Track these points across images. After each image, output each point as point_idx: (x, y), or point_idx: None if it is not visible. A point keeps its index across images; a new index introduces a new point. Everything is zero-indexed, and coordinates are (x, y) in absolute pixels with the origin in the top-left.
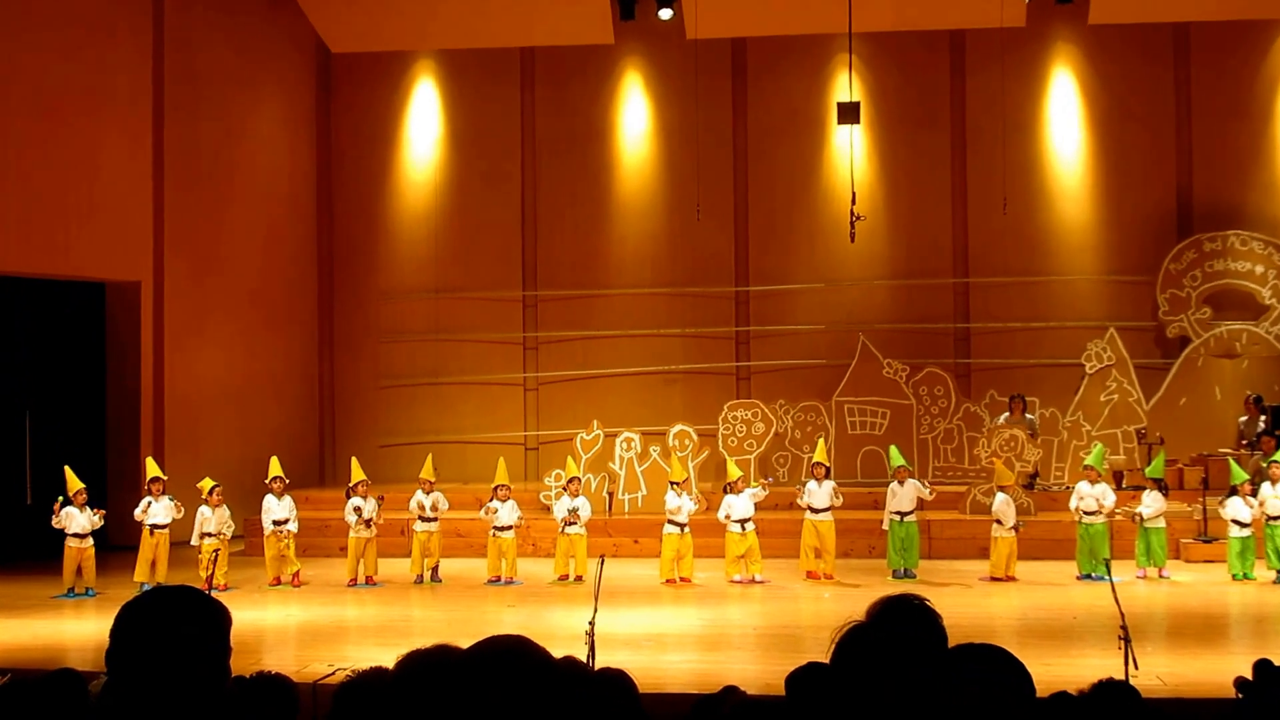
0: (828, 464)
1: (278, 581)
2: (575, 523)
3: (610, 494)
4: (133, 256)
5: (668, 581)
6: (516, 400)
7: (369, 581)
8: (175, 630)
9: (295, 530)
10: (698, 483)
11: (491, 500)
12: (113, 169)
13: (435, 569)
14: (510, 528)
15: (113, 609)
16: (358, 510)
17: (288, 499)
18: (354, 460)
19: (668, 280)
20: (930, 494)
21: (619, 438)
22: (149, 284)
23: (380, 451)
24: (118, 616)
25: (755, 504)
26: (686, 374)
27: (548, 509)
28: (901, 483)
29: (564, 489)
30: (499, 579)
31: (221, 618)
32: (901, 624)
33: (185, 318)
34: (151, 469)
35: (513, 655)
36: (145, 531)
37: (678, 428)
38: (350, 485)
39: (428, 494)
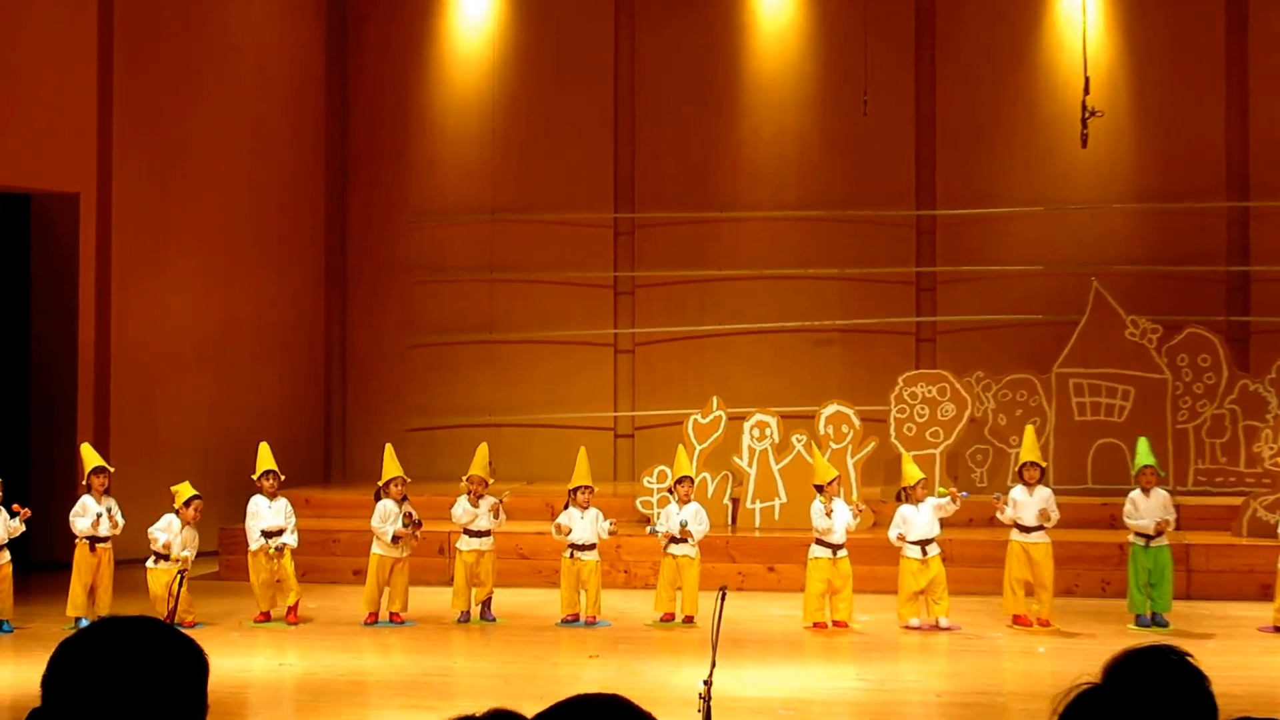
0: (1043, 463)
1: (266, 617)
2: (685, 541)
3: (735, 501)
4: (69, 158)
5: (816, 626)
6: (605, 367)
7: (395, 619)
8: (133, 677)
9: (294, 545)
10: (859, 487)
11: (567, 509)
12: (42, 39)
13: (487, 603)
14: (592, 547)
15: (37, 651)
16: (410, 519)
17: (282, 501)
18: (389, 449)
19: (819, 200)
20: (1169, 520)
21: (748, 422)
22: (90, 197)
23: (409, 437)
24: (53, 660)
25: (942, 519)
26: (845, 333)
27: (646, 521)
28: (1147, 491)
29: (670, 493)
30: (576, 618)
31: (196, 661)
32: (1152, 687)
33: (141, 245)
34: (90, 457)
35: None
36: (82, 546)
37: (832, 409)
38: (381, 483)
39: (479, 498)
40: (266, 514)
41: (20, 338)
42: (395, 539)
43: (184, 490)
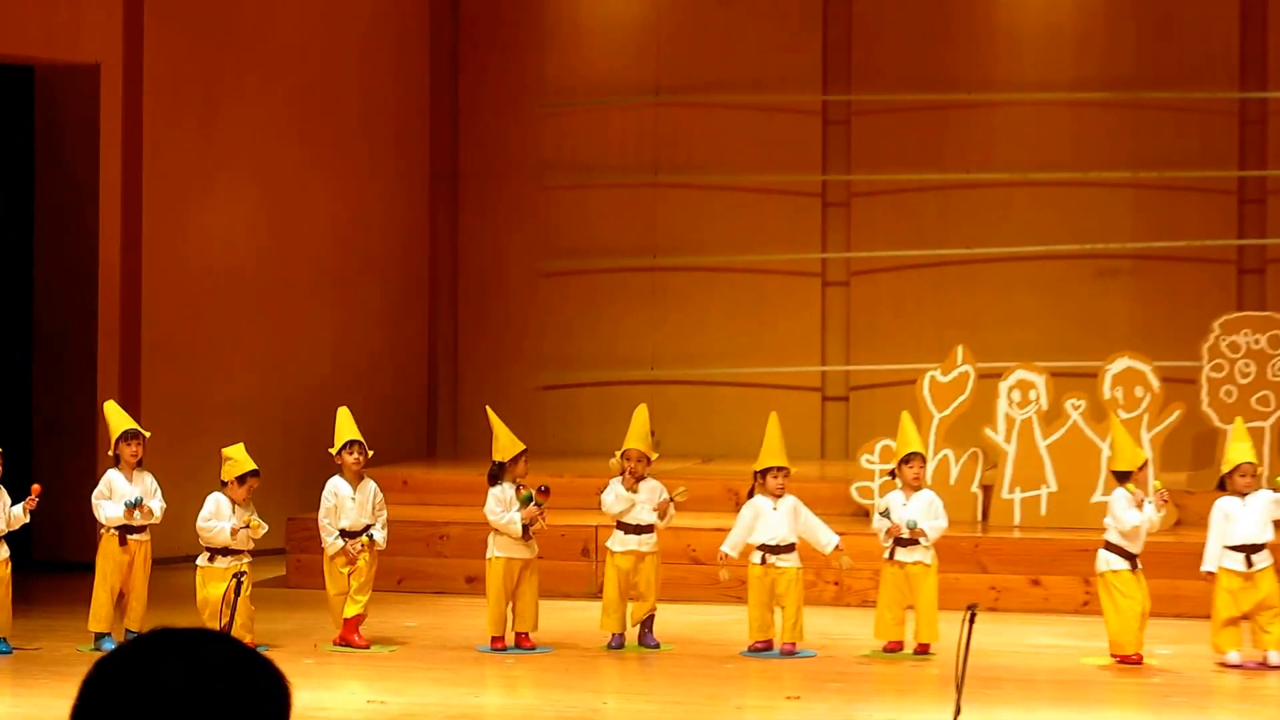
0: None
1: (351, 640)
2: (916, 543)
3: (986, 489)
4: (87, 20)
5: (1123, 660)
6: (809, 304)
7: (523, 643)
8: (198, 708)
9: (382, 543)
10: (1160, 471)
11: (753, 496)
12: None
13: (648, 624)
14: (790, 549)
15: (43, 680)
16: (524, 487)
17: (369, 486)
18: (491, 416)
19: (1105, 78)
20: None
21: (1006, 381)
22: (114, 69)
23: (543, 398)
24: (86, 686)
25: (1277, 520)
26: (1140, 259)
27: (864, 514)
28: None
29: (892, 476)
30: (769, 645)
31: (279, 689)
32: None
33: (183, 136)
34: (118, 419)
35: None
36: (109, 539)
37: (1121, 364)
38: (501, 460)
39: (639, 480)
40: (350, 505)
41: (19, 263)
42: (526, 531)
43: (239, 460)
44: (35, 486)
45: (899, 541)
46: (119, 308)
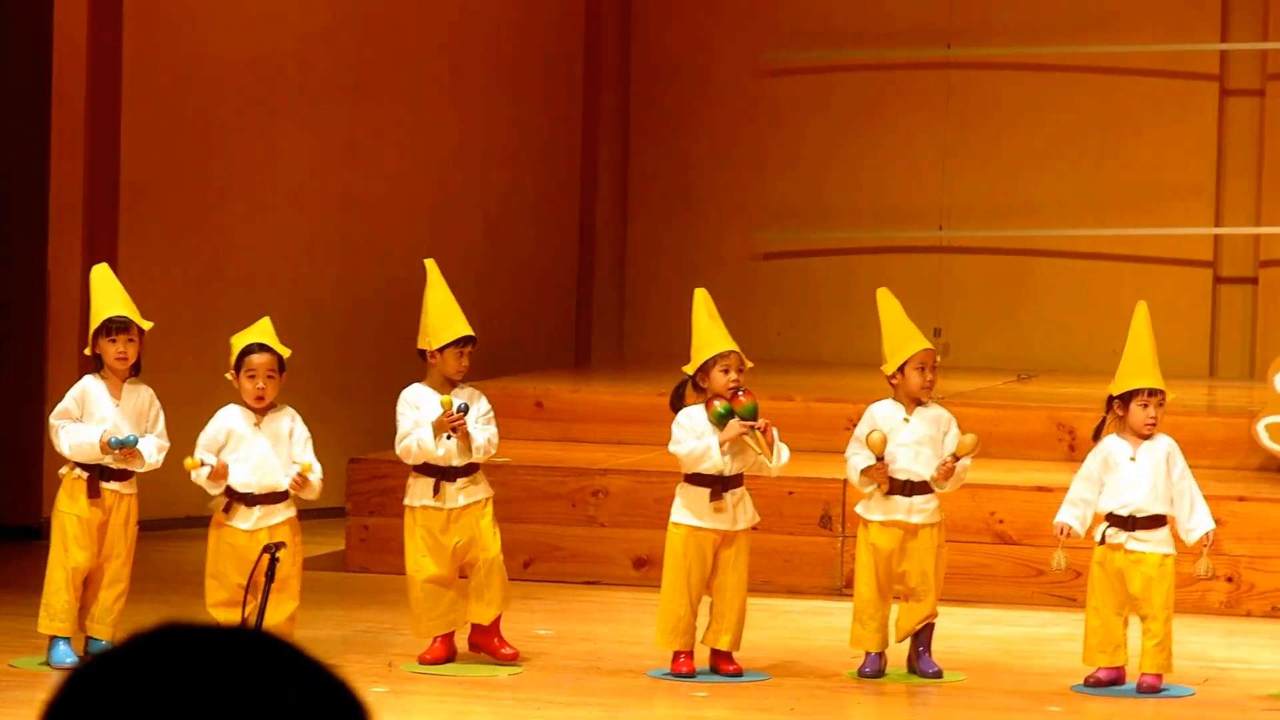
0: None
1: (445, 652)
2: None
3: None
4: None
5: None
6: (1197, 124)
7: (722, 667)
8: None
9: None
10: None
11: (1102, 437)
12: None
13: (924, 639)
14: (1155, 522)
15: None
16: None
17: (474, 402)
18: (701, 299)
19: None
20: None
21: None
22: None
23: (759, 271)
24: (52, 713)
25: None
26: None
27: (1278, 469)
28: None
29: None
30: (1116, 676)
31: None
32: None
33: None
34: (105, 294)
35: None
36: (73, 484)
37: None
38: (690, 371)
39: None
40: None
41: None
42: (720, 490)
43: (264, 332)
44: None
45: None
46: (83, 120)
